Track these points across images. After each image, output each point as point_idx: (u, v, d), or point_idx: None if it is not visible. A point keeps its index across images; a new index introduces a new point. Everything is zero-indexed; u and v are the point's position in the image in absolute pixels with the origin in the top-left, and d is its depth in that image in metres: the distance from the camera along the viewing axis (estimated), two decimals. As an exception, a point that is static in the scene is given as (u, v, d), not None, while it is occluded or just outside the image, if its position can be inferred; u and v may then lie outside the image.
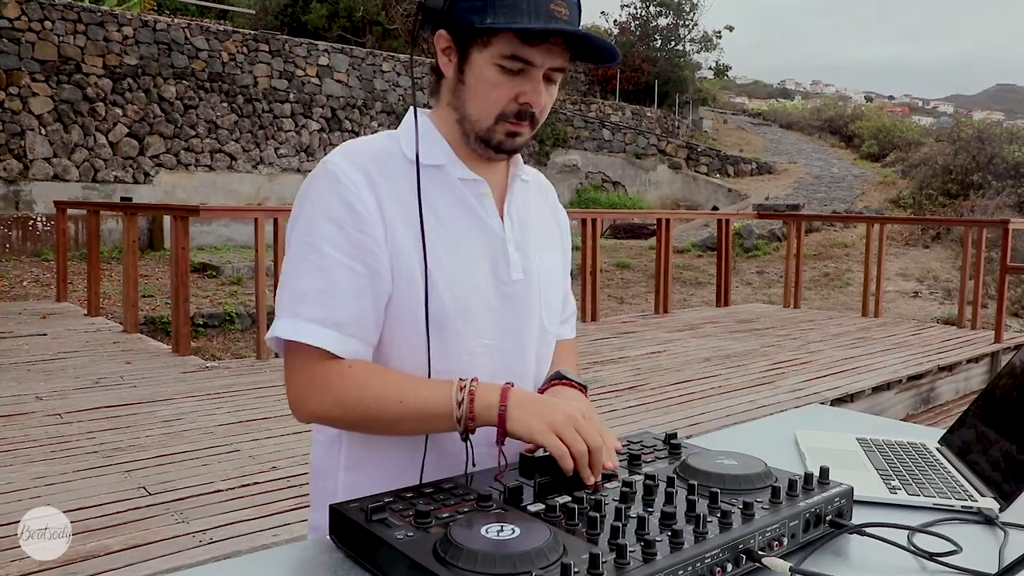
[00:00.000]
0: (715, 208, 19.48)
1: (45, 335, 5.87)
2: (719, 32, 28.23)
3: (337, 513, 0.92)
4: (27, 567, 2.36)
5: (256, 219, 5.38)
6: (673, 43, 28.05)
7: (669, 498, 0.94)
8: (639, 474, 1.02)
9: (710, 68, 31.40)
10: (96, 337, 5.85)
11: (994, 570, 0.85)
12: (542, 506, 0.92)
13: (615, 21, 28.43)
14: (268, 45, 15.15)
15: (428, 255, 1.11)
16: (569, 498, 0.94)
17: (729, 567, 0.84)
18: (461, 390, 1.04)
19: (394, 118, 16.68)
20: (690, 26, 28.02)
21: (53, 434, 3.68)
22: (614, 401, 4.54)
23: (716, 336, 6.69)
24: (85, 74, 12.91)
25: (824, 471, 1.01)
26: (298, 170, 15.05)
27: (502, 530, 0.82)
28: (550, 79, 1.13)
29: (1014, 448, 1.11)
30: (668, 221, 8.00)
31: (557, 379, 1.22)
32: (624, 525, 0.85)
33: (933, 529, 0.98)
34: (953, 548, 0.92)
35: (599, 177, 20.35)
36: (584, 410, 1.06)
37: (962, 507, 1.06)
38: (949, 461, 1.27)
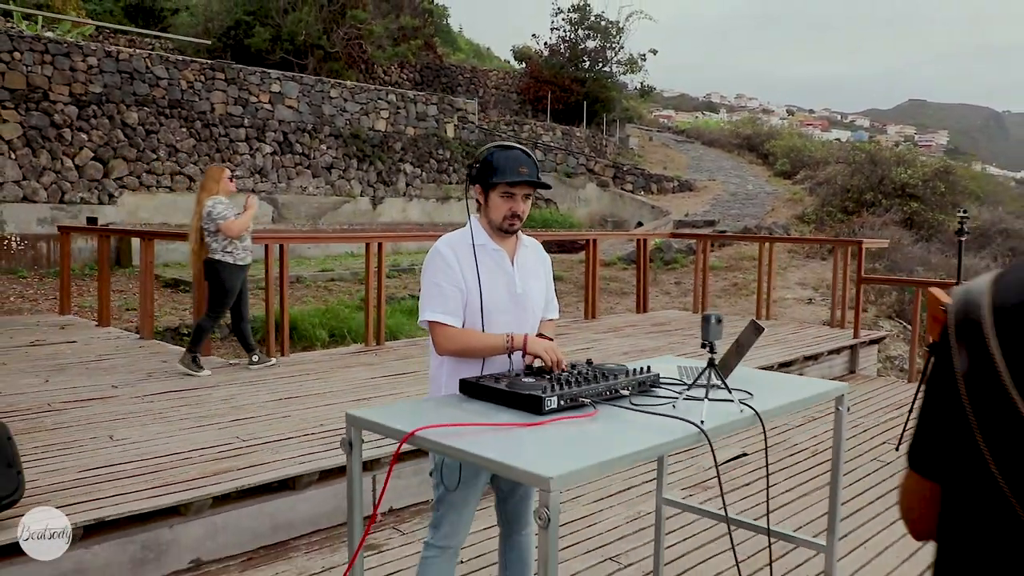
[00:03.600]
0: (639, 224, 21.13)
1: (75, 342, 6.92)
2: (643, 55, 30.04)
3: (466, 382, 2.25)
4: (182, 475, 3.54)
5: (266, 245, 6.61)
6: (601, 64, 29.76)
7: (587, 376, 2.28)
8: (576, 369, 2.37)
9: (636, 89, 33.20)
10: (120, 343, 6.94)
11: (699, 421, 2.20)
12: (539, 376, 2.26)
13: (545, 43, 30.04)
14: (224, 73, 16.14)
15: (482, 284, 2.46)
16: (548, 375, 2.28)
17: (606, 396, 2.19)
18: (508, 338, 2.39)
19: (341, 141, 17.81)
20: (616, 49, 29.78)
21: (145, 409, 4.86)
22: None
23: (634, 336, 8.11)
24: (52, 102, 13.72)
25: (649, 368, 2.36)
26: (253, 191, 16.01)
27: (526, 381, 2.15)
28: (525, 197, 2.49)
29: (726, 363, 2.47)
30: (596, 241, 9.41)
31: (540, 334, 2.58)
32: (569, 381, 2.19)
33: (689, 394, 2.33)
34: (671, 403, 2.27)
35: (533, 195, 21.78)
36: (555, 346, 2.41)
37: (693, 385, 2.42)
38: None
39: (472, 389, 2.26)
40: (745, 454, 5.12)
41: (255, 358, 6.17)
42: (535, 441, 1.88)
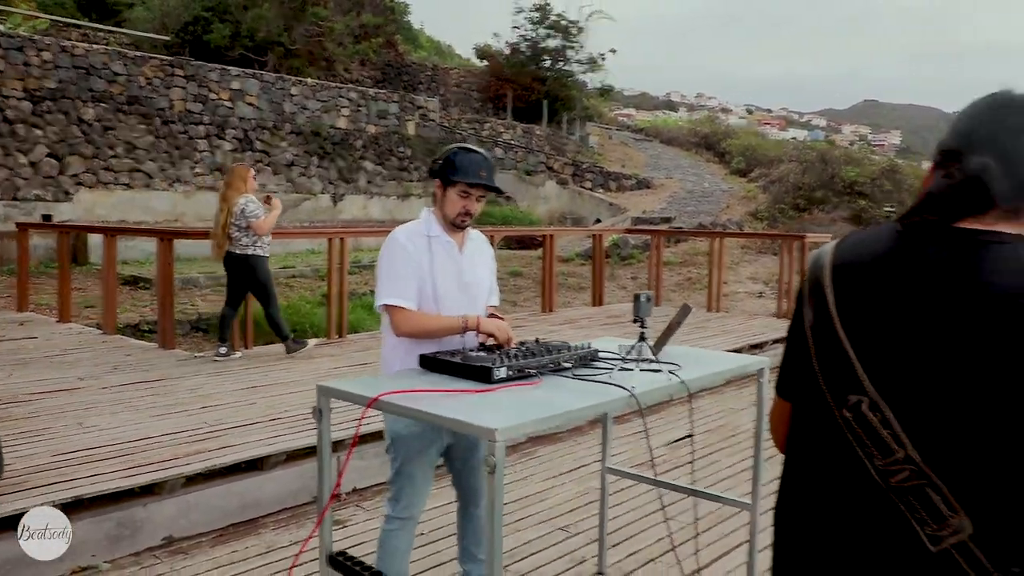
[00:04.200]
0: (598, 220, 21.49)
1: (35, 337, 7.00)
2: (603, 55, 30.45)
3: (424, 357, 2.49)
4: (154, 457, 3.71)
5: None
6: (561, 63, 30.10)
7: (533, 351, 2.53)
8: (525, 346, 2.62)
9: (596, 88, 33.61)
10: (83, 339, 7.03)
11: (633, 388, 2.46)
12: (490, 351, 2.50)
13: (507, 42, 30.30)
14: (183, 70, 16.11)
15: (435, 272, 2.70)
16: (499, 350, 2.52)
17: (551, 368, 2.44)
18: (462, 319, 2.63)
19: (302, 139, 17.87)
20: (577, 48, 30.14)
21: (113, 399, 5.01)
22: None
23: (588, 327, 8.40)
24: (5, 97, 13.60)
25: (590, 345, 2.62)
26: (212, 188, 16.00)
27: (478, 355, 2.39)
28: (479, 198, 2.73)
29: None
30: (552, 236, 9.69)
31: (492, 314, 2.83)
32: (517, 355, 2.44)
33: (624, 367, 2.59)
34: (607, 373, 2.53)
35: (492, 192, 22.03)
36: (507, 325, 2.67)
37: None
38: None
39: (430, 363, 2.50)
40: (690, 436, 5.42)
41: (293, 345, 6.55)
42: (484, 404, 2.12)
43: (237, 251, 6.28)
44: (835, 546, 1.17)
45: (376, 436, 4.25)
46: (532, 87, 28.26)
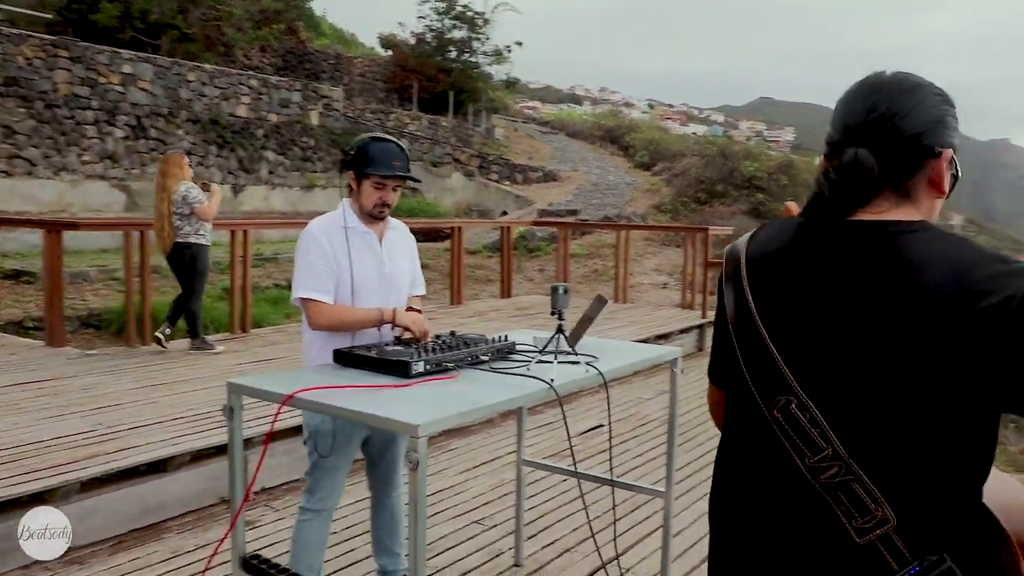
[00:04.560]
0: (504, 213, 21.56)
1: (-95, 337, 6.49)
2: (509, 47, 30.51)
3: (339, 352, 2.42)
4: (47, 462, 3.49)
5: (125, 233, 6.45)
6: (467, 55, 30.00)
7: (450, 344, 2.50)
8: (441, 339, 2.59)
9: (501, 80, 33.67)
10: (-41, 337, 6.56)
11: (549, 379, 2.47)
12: (406, 345, 2.46)
13: (412, 32, 29.97)
14: (68, 51, 15.23)
15: (352, 264, 2.63)
16: (415, 344, 2.48)
17: (468, 361, 2.42)
18: (378, 312, 2.57)
19: (200, 127, 17.18)
20: (483, 40, 30.10)
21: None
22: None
23: (498, 319, 8.42)
24: None
25: (507, 337, 2.61)
26: (102, 177, 15.23)
27: (395, 349, 2.34)
28: (395, 188, 2.67)
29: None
30: (461, 228, 9.65)
31: (410, 308, 2.79)
32: (434, 348, 2.40)
33: (541, 359, 2.60)
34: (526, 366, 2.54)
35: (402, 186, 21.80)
36: (423, 318, 2.62)
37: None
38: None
39: (345, 358, 2.44)
40: (601, 425, 5.51)
41: (202, 344, 6.38)
42: (404, 398, 2.09)
43: (180, 239, 6.15)
44: (767, 540, 1.20)
45: (286, 434, 4.13)
46: (438, 78, 28.07)
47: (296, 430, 3.81)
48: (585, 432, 5.36)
